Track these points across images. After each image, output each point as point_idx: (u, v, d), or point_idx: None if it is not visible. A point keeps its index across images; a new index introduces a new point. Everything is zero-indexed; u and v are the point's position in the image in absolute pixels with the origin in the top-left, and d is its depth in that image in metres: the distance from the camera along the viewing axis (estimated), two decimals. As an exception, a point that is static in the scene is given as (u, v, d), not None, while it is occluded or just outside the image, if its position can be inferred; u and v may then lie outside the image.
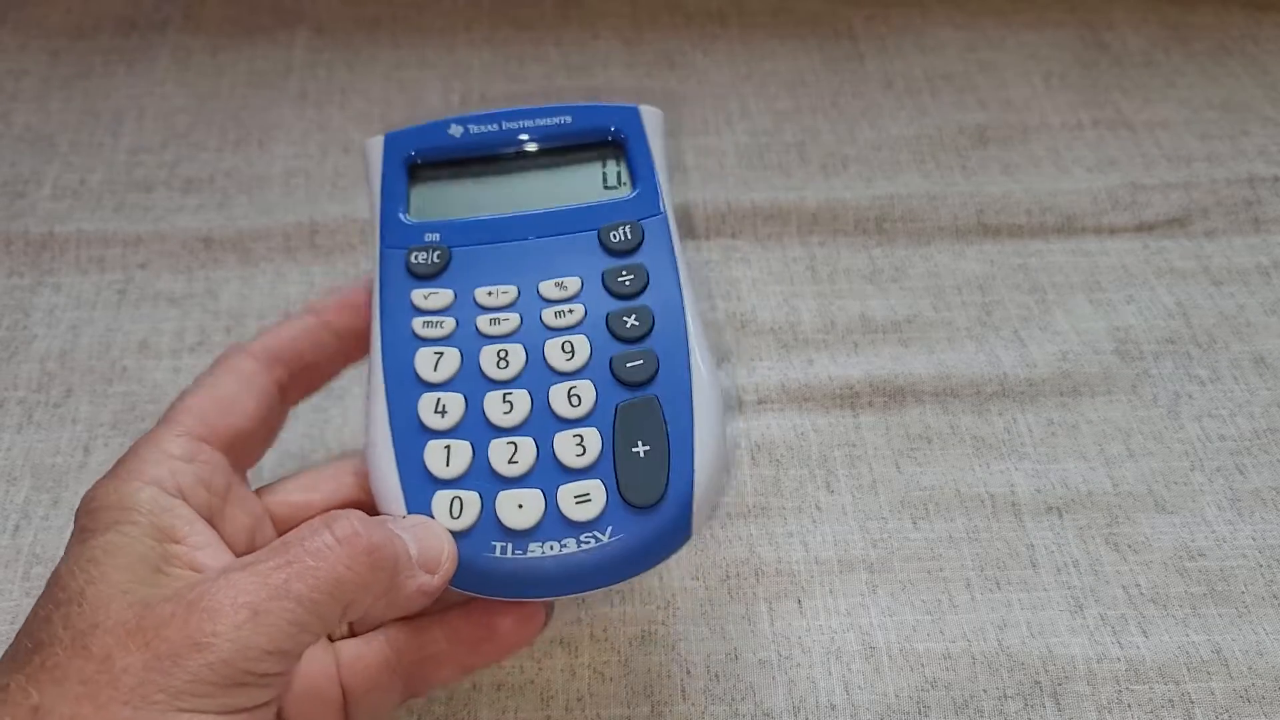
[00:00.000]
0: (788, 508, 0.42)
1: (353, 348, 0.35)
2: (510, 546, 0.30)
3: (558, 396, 0.31)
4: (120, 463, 0.29)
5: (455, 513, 0.30)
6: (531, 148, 0.37)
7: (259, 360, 0.33)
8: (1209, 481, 0.43)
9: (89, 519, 0.28)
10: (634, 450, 0.30)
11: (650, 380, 0.31)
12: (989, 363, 0.47)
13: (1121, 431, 0.45)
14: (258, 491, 0.33)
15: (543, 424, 0.31)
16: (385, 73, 0.61)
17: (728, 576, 0.40)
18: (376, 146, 0.37)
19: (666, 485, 0.30)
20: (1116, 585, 0.40)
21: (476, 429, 0.31)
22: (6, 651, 0.26)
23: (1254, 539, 0.42)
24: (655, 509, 0.30)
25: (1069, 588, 0.40)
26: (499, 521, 0.30)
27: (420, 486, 0.30)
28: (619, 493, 0.30)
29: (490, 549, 0.30)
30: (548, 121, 0.37)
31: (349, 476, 0.34)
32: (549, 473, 0.30)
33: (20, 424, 0.45)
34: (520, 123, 0.37)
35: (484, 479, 0.30)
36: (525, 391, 0.31)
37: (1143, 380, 0.47)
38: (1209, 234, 0.53)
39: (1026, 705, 0.37)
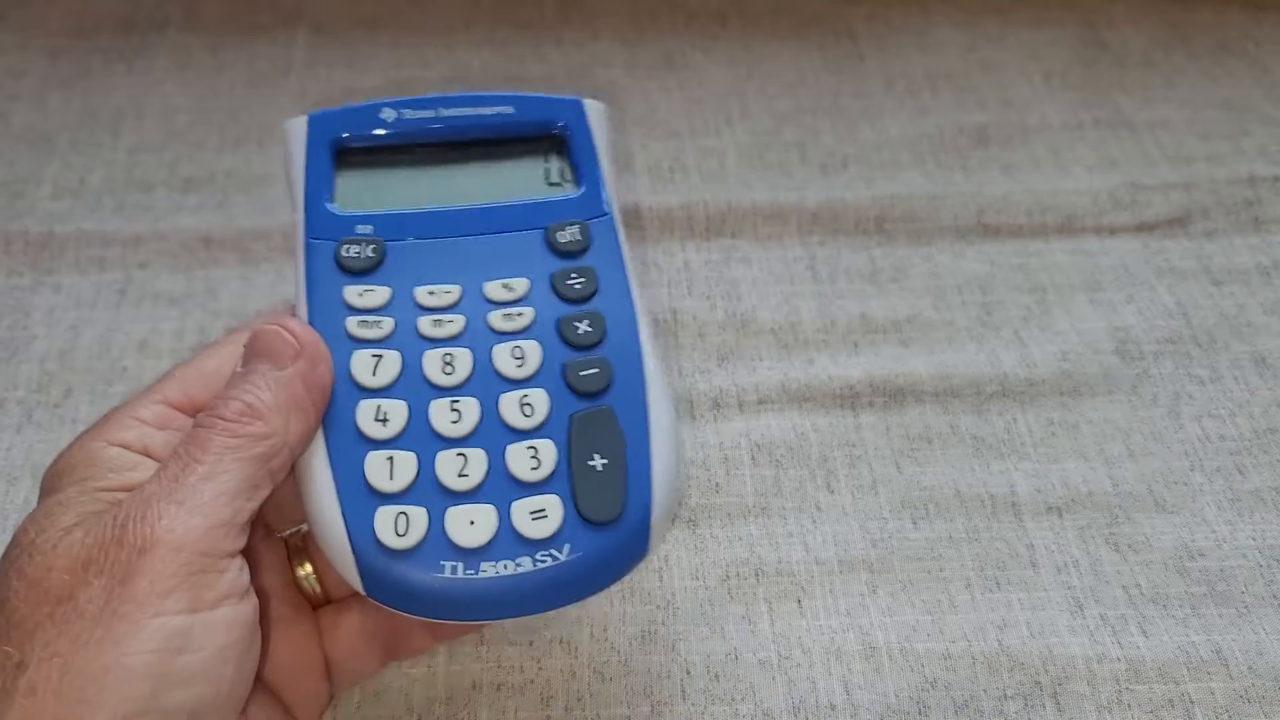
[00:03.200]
0: (788, 508, 0.42)
1: None
2: (461, 566, 0.28)
3: (509, 405, 0.29)
4: (93, 426, 0.29)
5: (401, 530, 0.28)
6: (469, 138, 0.34)
7: None
8: (1209, 481, 0.43)
9: (53, 480, 0.28)
10: (590, 464, 0.29)
11: (605, 390, 0.30)
12: (989, 363, 0.47)
13: (1121, 431, 0.45)
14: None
15: (493, 435, 0.29)
16: (385, 73, 0.61)
17: (728, 576, 0.40)
18: (299, 128, 0.34)
19: (625, 501, 0.29)
20: (1116, 585, 0.40)
21: (421, 439, 0.29)
22: None
23: (1254, 539, 0.41)
24: (613, 525, 0.28)
25: (1069, 588, 0.40)
26: (448, 539, 0.28)
27: (360, 501, 0.28)
28: (576, 508, 0.28)
29: (439, 568, 0.28)
30: (487, 111, 0.34)
31: None
32: (501, 487, 0.29)
33: (20, 424, 0.45)
34: (458, 110, 0.34)
35: (431, 493, 0.28)
36: (474, 399, 0.30)
37: (1143, 380, 0.47)
38: (1209, 234, 0.53)
39: (1026, 705, 0.37)
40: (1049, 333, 0.48)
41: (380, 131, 0.34)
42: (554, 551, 0.28)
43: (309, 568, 0.33)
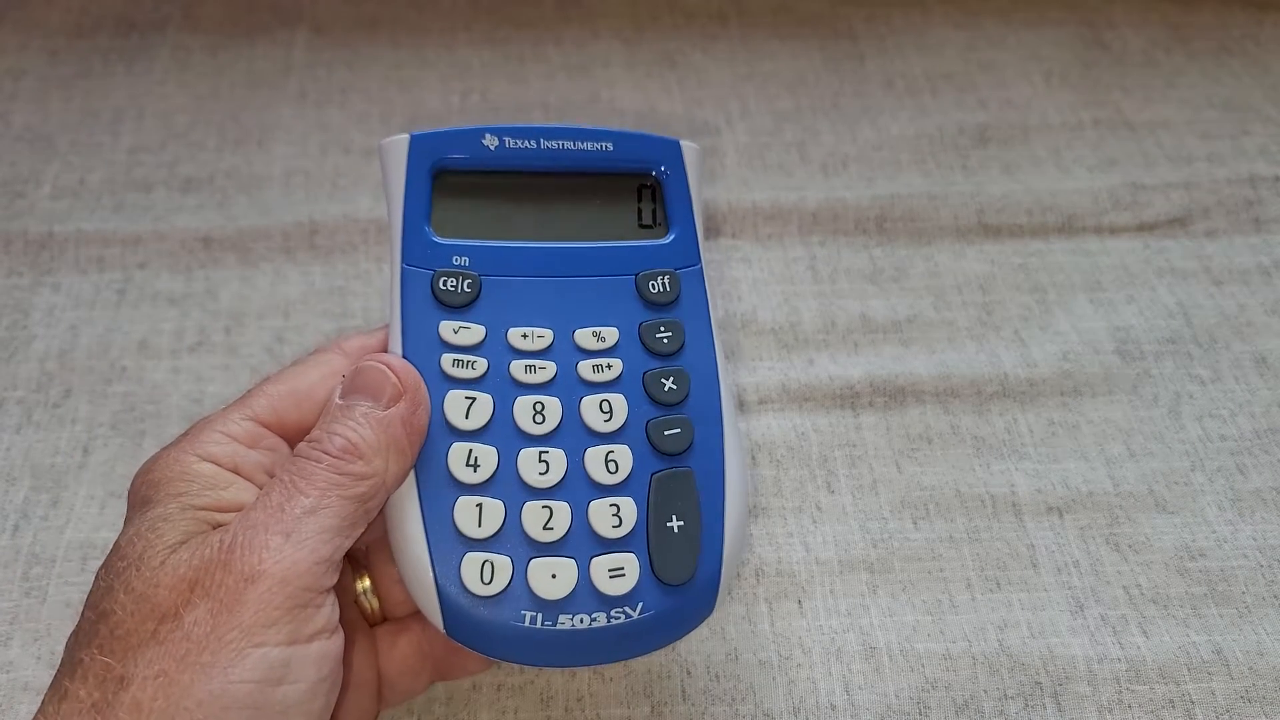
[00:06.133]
0: (788, 508, 0.42)
1: None
2: (540, 617, 0.28)
3: (594, 461, 0.30)
4: (182, 436, 0.29)
5: (486, 578, 0.28)
6: (567, 172, 0.34)
7: (349, 357, 0.32)
8: (1210, 482, 0.43)
9: (150, 490, 0.28)
10: (668, 525, 0.30)
11: (686, 451, 0.30)
12: (990, 363, 0.47)
13: (1122, 431, 0.45)
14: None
15: (578, 489, 0.30)
16: (385, 73, 0.61)
17: (728, 577, 0.40)
18: (400, 147, 0.34)
19: (698, 564, 0.29)
20: (1117, 585, 0.40)
21: (510, 488, 0.30)
22: (75, 630, 0.27)
23: (1255, 539, 0.41)
24: (685, 586, 0.29)
25: (1069, 588, 0.40)
26: (530, 590, 0.29)
27: (448, 544, 0.29)
28: (651, 569, 0.29)
29: (520, 618, 0.28)
30: (588, 146, 0.34)
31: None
32: (583, 542, 0.29)
33: (19, 424, 0.45)
34: (559, 143, 0.34)
35: (516, 543, 0.29)
36: (561, 451, 0.30)
37: (1143, 380, 0.47)
38: (1210, 234, 0.53)
39: (1027, 706, 0.37)
40: (1049, 333, 0.48)
41: (481, 158, 0.34)
42: (628, 609, 0.29)
43: (367, 582, 0.33)
